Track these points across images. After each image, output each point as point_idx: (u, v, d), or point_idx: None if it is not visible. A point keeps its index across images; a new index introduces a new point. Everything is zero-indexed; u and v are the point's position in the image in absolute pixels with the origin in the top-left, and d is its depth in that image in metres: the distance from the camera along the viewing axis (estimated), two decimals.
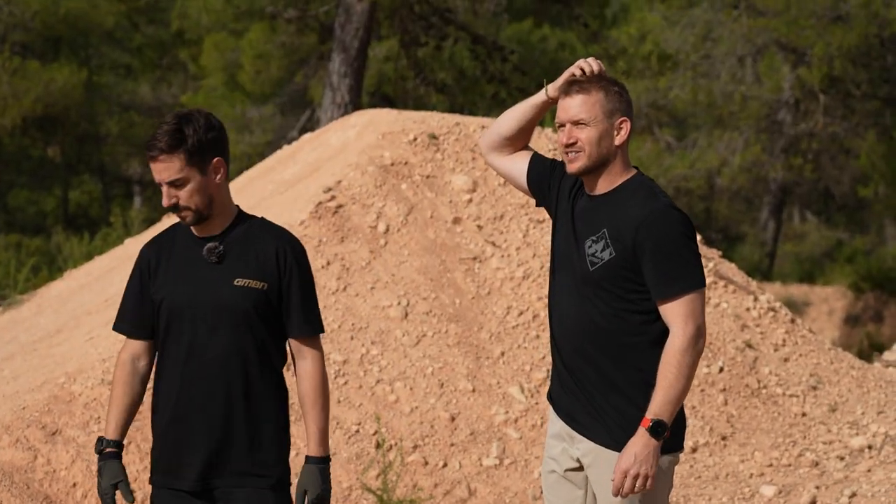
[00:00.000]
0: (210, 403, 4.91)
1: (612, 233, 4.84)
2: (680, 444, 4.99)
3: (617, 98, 4.93)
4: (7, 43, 33.59)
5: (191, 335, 4.91)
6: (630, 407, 4.87)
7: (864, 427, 9.38)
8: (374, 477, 8.47)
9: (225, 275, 4.90)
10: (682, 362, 4.70)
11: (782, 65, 31.55)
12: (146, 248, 5.11)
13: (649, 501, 4.97)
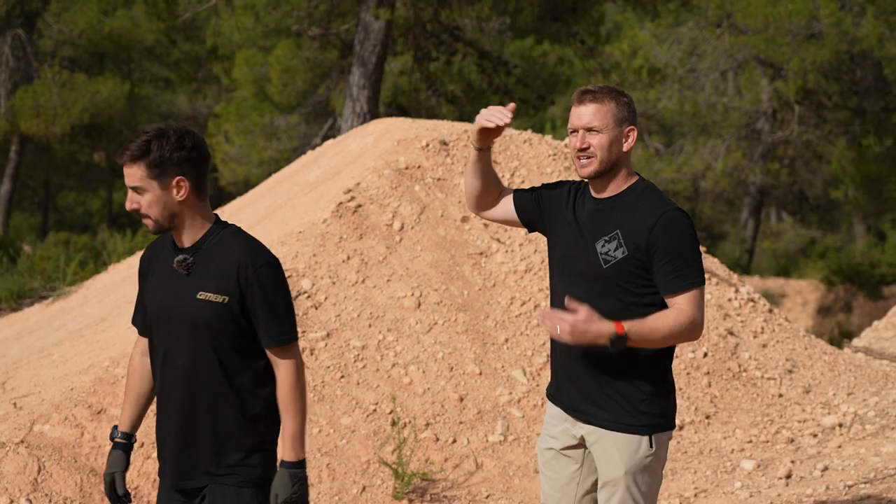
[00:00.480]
0: (180, 408, 4.87)
1: (625, 234, 4.88)
2: (672, 423, 5.04)
3: (626, 108, 4.98)
4: (57, 58, 33.64)
5: (165, 342, 4.86)
6: (635, 391, 4.94)
7: (835, 407, 9.37)
8: (390, 452, 8.46)
9: (191, 287, 4.80)
10: (676, 327, 4.79)
11: (761, 78, 31.55)
12: (145, 252, 5.06)
13: (647, 477, 5.00)
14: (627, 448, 4.97)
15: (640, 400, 4.96)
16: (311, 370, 9.02)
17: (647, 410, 4.96)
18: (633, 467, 4.97)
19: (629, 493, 4.98)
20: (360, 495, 8.29)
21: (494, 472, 8.68)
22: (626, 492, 4.98)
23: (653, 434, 4.96)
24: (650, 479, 5.03)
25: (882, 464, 7.82)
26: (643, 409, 4.96)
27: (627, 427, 4.96)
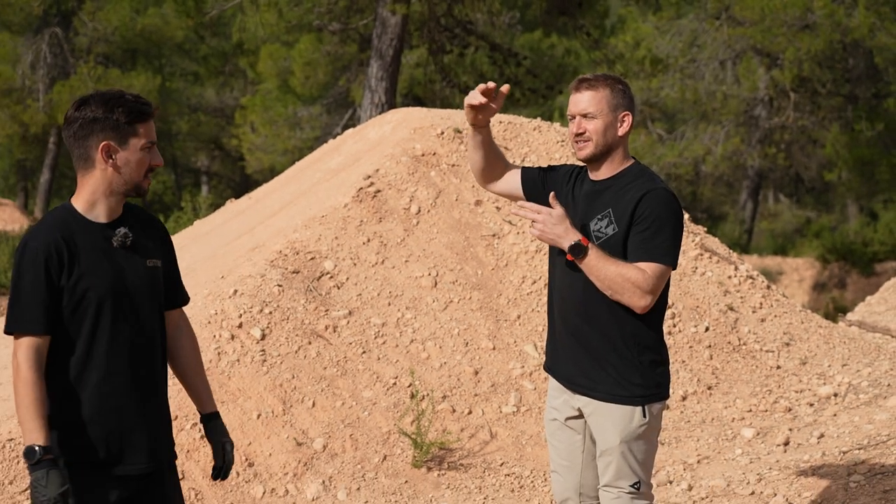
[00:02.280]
0: (145, 384, 4.48)
1: (615, 212, 4.93)
2: (665, 393, 5.07)
3: (620, 94, 5.02)
4: (92, 54, 33.73)
5: (126, 321, 4.38)
6: (625, 364, 4.99)
7: (830, 377, 9.36)
8: (409, 423, 8.48)
9: (137, 258, 4.46)
10: (626, 279, 4.80)
11: (758, 67, 31.49)
12: (41, 250, 4.24)
13: (641, 444, 5.03)
14: (622, 419, 5.02)
15: (632, 373, 5.00)
16: (334, 346, 9.04)
17: (639, 382, 5.00)
18: (628, 436, 5.02)
19: (625, 460, 5.03)
20: (381, 464, 8.31)
21: (508, 441, 8.69)
22: (622, 459, 5.03)
23: (645, 405, 5.01)
24: (645, 446, 5.06)
25: (875, 431, 7.81)
26: (635, 381, 5.00)
27: (621, 399, 5.01)
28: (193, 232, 14.37)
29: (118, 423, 4.37)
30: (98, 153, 4.30)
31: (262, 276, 9.44)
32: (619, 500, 5.08)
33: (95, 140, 4.30)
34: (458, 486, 8.20)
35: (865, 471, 7.04)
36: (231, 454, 4.78)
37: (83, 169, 4.35)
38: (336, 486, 8.05)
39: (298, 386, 8.66)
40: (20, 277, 4.22)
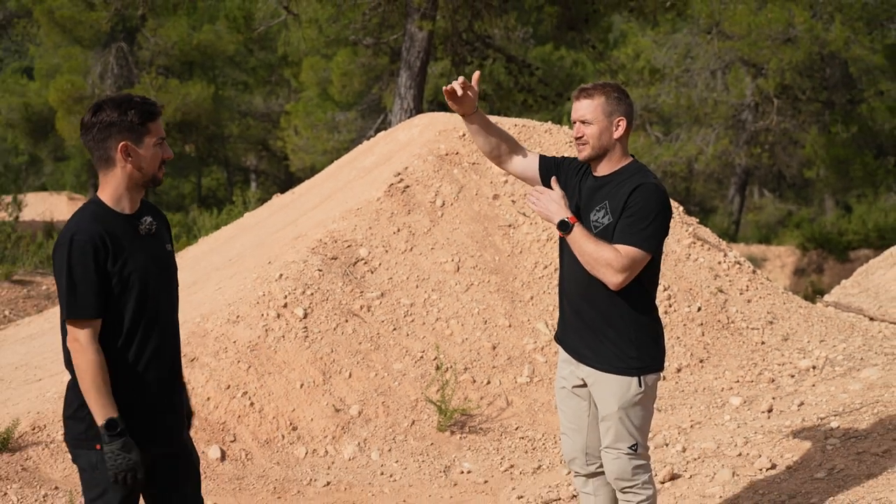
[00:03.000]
0: (171, 362, 4.49)
1: (611, 204, 4.96)
2: (659, 366, 5.08)
3: (616, 102, 5.02)
4: (153, 66, 33.82)
5: (156, 303, 4.38)
6: (622, 339, 5.01)
7: (809, 352, 9.33)
8: (434, 392, 8.48)
9: (160, 244, 4.47)
10: (601, 257, 4.82)
11: (745, 76, 31.40)
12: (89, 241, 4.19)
13: (638, 411, 5.04)
14: (619, 388, 5.03)
15: (629, 347, 5.01)
16: (368, 324, 9.05)
17: (635, 355, 5.01)
18: (626, 404, 5.03)
19: (623, 425, 5.05)
20: (409, 428, 8.31)
21: (522, 408, 8.69)
22: (620, 424, 5.05)
23: (641, 375, 5.01)
24: (641, 413, 5.07)
25: (849, 399, 7.78)
26: (632, 353, 5.01)
27: (619, 369, 5.02)
28: (243, 223, 14.39)
29: (152, 396, 4.38)
30: (118, 153, 4.29)
31: (305, 262, 9.46)
32: (619, 460, 5.09)
33: (114, 141, 4.29)
34: (478, 447, 8.21)
35: (841, 435, 7.02)
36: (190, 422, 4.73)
37: (105, 168, 4.34)
38: (370, 448, 8.07)
39: (336, 359, 8.68)
40: (73, 268, 4.18)
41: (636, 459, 5.10)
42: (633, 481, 5.12)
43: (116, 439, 4.16)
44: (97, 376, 4.17)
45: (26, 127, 38.50)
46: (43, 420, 7.57)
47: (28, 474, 7.18)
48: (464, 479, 7.78)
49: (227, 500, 7.32)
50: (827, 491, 6.20)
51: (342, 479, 7.71)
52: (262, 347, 8.60)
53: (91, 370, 4.16)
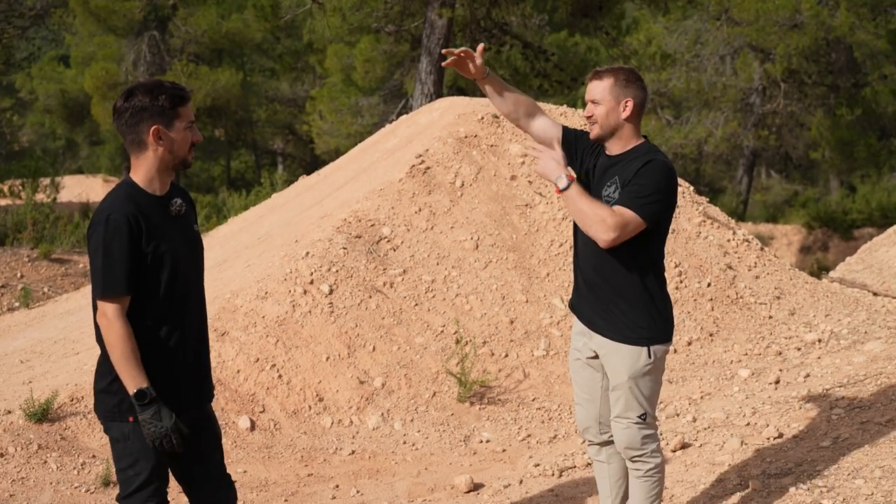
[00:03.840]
0: (197, 336, 4.53)
1: (620, 179, 4.96)
2: (668, 338, 5.07)
3: (624, 84, 5.01)
4: (184, 53, 33.85)
5: (186, 282, 4.41)
6: (633, 310, 5.01)
7: (815, 326, 9.30)
8: (454, 364, 8.49)
9: (188, 224, 4.49)
10: (596, 215, 4.78)
11: (753, 61, 31.24)
12: (123, 221, 4.20)
13: (647, 381, 5.03)
14: (630, 358, 5.01)
15: (639, 317, 4.99)
16: (391, 300, 9.05)
17: (644, 325, 4.99)
18: (635, 374, 5.01)
19: (633, 395, 5.03)
20: (431, 399, 8.33)
21: (538, 380, 8.69)
22: (630, 393, 5.04)
23: (650, 346, 4.99)
24: (650, 383, 5.05)
25: (853, 371, 7.76)
26: (641, 324, 4.99)
27: (629, 339, 5.00)
28: (271, 204, 14.40)
29: (182, 370, 4.40)
30: (149, 136, 4.29)
31: (330, 241, 9.46)
32: (628, 430, 5.08)
33: (146, 126, 4.29)
34: (496, 418, 8.22)
35: (845, 405, 7.01)
36: None
37: (137, 151, 4.34)
38: (393, 418, 8.08)
39: (361, 333, 8.69)
40: (108, 247, 4.18)
41: (645, 429, 5.08)
42: (641, 450, 5.11)
43: (148, 408, 4.18)
44: (126, 348, 4.18)
45: (63, 112, 38.64)
46: (81, 391, 7.61)
47: (67, 443, 7.22)
48: (483, 448, 7.79)
49: (256, 468, 7.35)
50: (832, 459, 6.19)
51: (366, 448, 7.73)
52: (289, 322, 8.61)
53: (121, 343, 4.18)
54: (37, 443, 7.12)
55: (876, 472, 5.86)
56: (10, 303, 13.99)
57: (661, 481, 5.18)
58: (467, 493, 6.86)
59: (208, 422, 4.59)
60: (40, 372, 8.70)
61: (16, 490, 6.66)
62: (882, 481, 5.72)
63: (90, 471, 6.98)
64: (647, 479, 5.15)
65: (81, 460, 7.07)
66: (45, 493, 6.68)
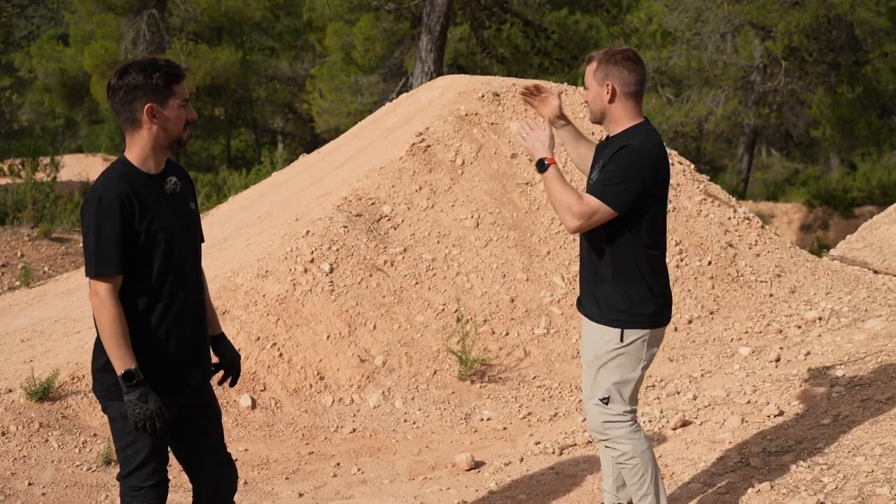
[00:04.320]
0: (193, 314, 4.48)
1: (600, 165, 4.92)
2: (648, 323, 4.93)
3: (605, 67, 4.97)
4: (184, 32, 33.81)
5: (180, 259, 4.38)
6: (614, 292, 4.94)
7: (815, 304, 9.30)
8: (455, 343, 8.50)
9: (185, 203, 4.47)
10: (565, 199, 4.79)
11: (754, 39, 31.17)
12: (115, 199, 4.17)
13: (615, 365, 4.94)
14: (601, 338, 4.93)
15: (619, 300, 4.88)
16: (391, 278, 9.05)
17: (621, 308, 4.88)
18: (601, 354, 4.92)
19: (598, 376, 4.95)
20: (432, 377, 8.34)
21: (539, 358, 8.70)
22: (595, 374, 4.96)
23: (624, 329, 4.87)
24: (620, 368, 4.92)
25: (854, 349, 7.76)
26: (620, 307, 4.88)
27: (601, 319, 4.92)
28: (271, 182, 14.40)
29: (178, 350, 4.38)
30: (143, 115, 4.27)
31: (331, 219, 9.46)
32: (590, 411, 5.00)
33: (140, 104, 4.27)
34: (497, 396, 8.23)
35: (846, 383, 7.01)
36: (239, 367, 4.79)
37: (131, 129, 4.31)
38: (394, 396, 8.09)
39: (361, 311, 8.69)
40: (100, 226, 4.16)
41: (606, 413, 4.96)
42: (604, 434, 5.00)
43: (134, 389, 4.17)
44: (116, 328, 4.17)
45: (62, 91, 38.63)
46: (82, 370, 7.62)
47: (68, 422, 7.23)
48: (483, 426, 7.80)
49: (257, 447, 7.36)
50: (832, 436, 6.20)
51: (367, 426, 7.74)
52: (290, 301, 8.62)
53: (111, 323, 4.17)
54: (38, 421, 7.13)
55: (876, 449, 5.87)
56: (10, 282, 14.00)
57: (642, 469, 5.01)
58: (468, 471, 6.87)
59: (207, 400, 4.59)
60: (41, 351, 8.70)
61: (17, 468, 6.67)
62: (882, 458, 5.73)
63: (91, 449, 6.99)
64: (623, 465, 5.03)
65: (83, 439, 7.08)
66: (46, 472, 6.69)
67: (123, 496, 4.41)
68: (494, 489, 6.46)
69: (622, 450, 5.00)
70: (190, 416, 4.51)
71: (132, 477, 4.36)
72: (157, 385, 4.28)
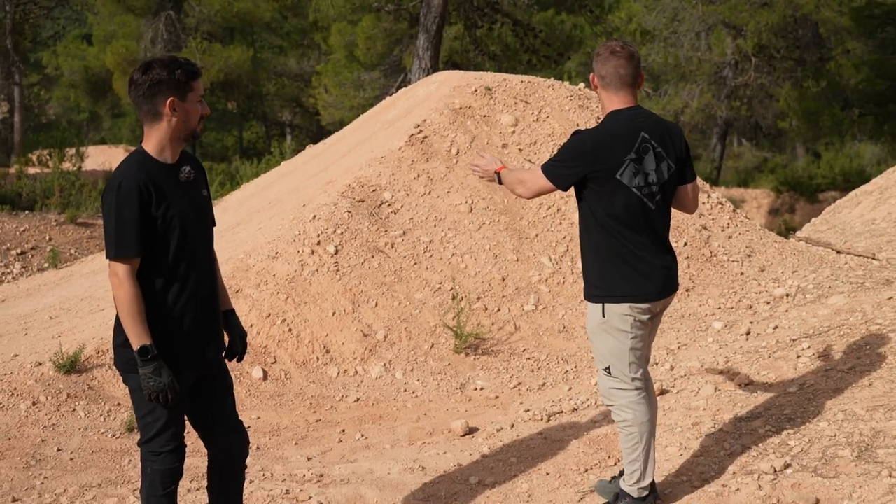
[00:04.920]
0: (208, 298, 4.46)
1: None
2: (622, 300, 4.91)
3: (594, 60, 5.12)
4: (199, 32, 33.70)
5: (193, 246, 4.36)
6: (592, 271, 5.04)
7: (783, 281, 9.31)
8: (451, 318, 8.50)
9: (198, 190, 4.44)
10: (516, 177, 5.05)
11: (726, 37, 31.12)
12: (134, 187, 4.16)
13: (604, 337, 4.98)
14: (591, 313, 4.98)
15: (596, 277, 4.92)
16: (392, 259, 9.05)
17: (596, 284, 4.92)
18: (593, 329, 4.99)
19: (595, 348, 5.04)
20: (429, 350, 8.34)
21: (528, 332, 8.70)
22: (594, 346, 5.05)
23: (604, 304, 4.89)
24: (608, 340, 4.94)
25: (818, 323, 7.77)
26: (596, 283, 4.92)
27: (588, 296, 4.99)
28: (280, 171, 14.37)
29: (192, 327, 4.37)
30: (166, 107, 4.26)
31: (335, 205, 9.44)
32: (600, 379, 5.09)
33: (163, 97, 4.25)
34: (489, 367, 8.23)
35: (811, 354, 7.02)
36: (246, 343, 4.79)
37: (151, 121, 4.29)
38: (394, 368, 8.10)
39: (364, 290, 8.69)
40: (120, 211, 4.15)
41: (610, 381, 5.01)
42: (610, 400, 5.05)
43: (149, 364, 4.17)
44: (133, 307, 4.16)
45: (87, 87, 38.52)
46: (106, 345, 7.61)
47: (94, 392, 7.23)
48: (477, 395, 7.81)
49: (269, 415, 7.37)
50: (798, 403, 6.21)
51: (370, 396, 7.75)
52: (298, 280, 8.61)
53: (128, 302, 4.16)
54: (66, 392, 7.13)
55: (839, 415, 5.88)
56: (39, 264, 13.99)
57: (637, 438, 5.03)
58: (463, 437, 6.88)
59: (220, 372, 4.59)
60: (68, 327, 8.70)
61: (47, 436, 6.68)
62: (844, 423, 5.75)
63: (115, 417, 6.99)
64: (622, 430, 5.07)
65: (107, 408, 7.08)
66: (74, 439, 6.69)
67: (144, 460, 4.43)
68: (487, 453, 6.47)
69: (623, 416, 5.05)
70: (204, 387, 4.51)
71: (152, 443, 4.37)
72: (171, 360, 4.28)
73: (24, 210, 16.32)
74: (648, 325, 5.00)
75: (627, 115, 4.90)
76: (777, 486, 5.20)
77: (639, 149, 4.82)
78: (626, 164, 4.81)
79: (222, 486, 4.71)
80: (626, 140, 4.82)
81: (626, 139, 4.82)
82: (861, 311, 7.87)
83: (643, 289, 4.90)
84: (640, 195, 4.83)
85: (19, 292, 11.61)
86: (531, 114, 10.82)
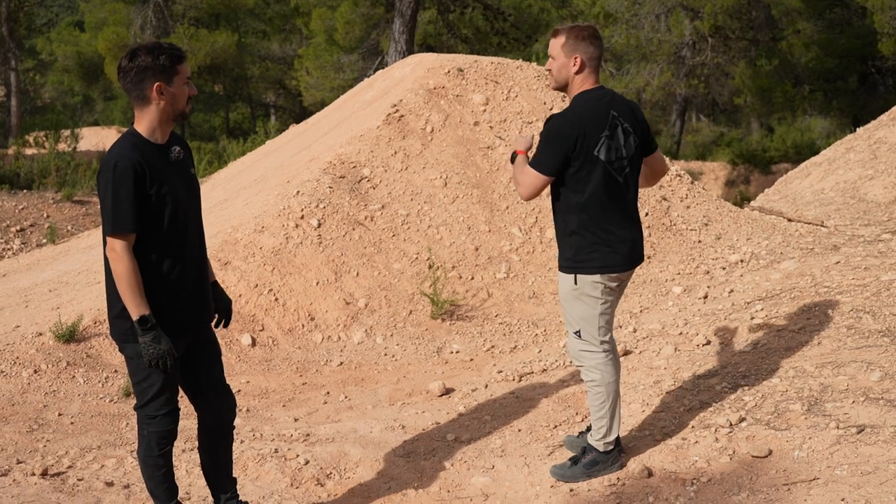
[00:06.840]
0: (198, 266, 4.46)
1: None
2: (592, 270, 4.92)
3: (574, 41, 4.92)
4: (185, 18, 33.37)
5: (185, 220, 4.35)
6: (563, 243, 5.03)
7: (738, 248, 9.36)
8: (428, 286, 8.51)
9: (186, 169, 4.43)
10: (517, 175, 4.97)
11: (684, 19, 31.08)
12: (129, 166, 4.14)
13: (577, 304, 5.00)
14: (562, 282, 5.00)
15: (567, 249, 4.94)
16: (371, 231, 9.04)
17: (569, 256, 4.93)
18: (565, 296, 5.00)
19: (566, 312, 5.05)
20: (408, 316, 8.35)
21: (500, 299, 8.72)
22: (565, 310, 5.06)
23: (576, 274, 4.91)
24: (581, 306, 4.95)
25: (771, 287, 7.83)
26: (568, 255, 4.94)
27: (561, 267, 5.00)
28: (265, 149, 14.31)
29: (185, 296, 4.37)
30: (153, 92, 4.23)
31: (318, 181, 9.42)
32: (570, 341, 5.09)
33: (149, 83, 4.22)
34: (464, 332, 8.26)
35: (764, 316, 7.08)
36: (231, 310, 4.79)
37: (141, 105, 4.27)
38: (375, 334, 8.11)
39: (346, 261, 8.69)
40: (117, 190, 4.13)
41: (580, 343, 5.03)
42: (580, 361, 5.07)
43: (149, 332, 4.17)
44: (132, 279, 4.15)
45: (79, 72, 38.14)
46: (103, 315, 7.59)
47: (92, 360, 7.22)
48: (453, 358, 7.84)
49: (257, 379, 7.38)
50: (753, 362, 6.27)
51: (353, 360, 7.76)
52: (283, 252, 8.60)
53: (126, 275, 4.15)
54: (65, 360, 7.12)
55: (790, 371, 5.94)
56: (38, 240, 13.92)
57: (604, 397, 5.06)
58: (440, 397, 6.91)
59: (209, 339, 4.60)
60: (67, 299, 8.67)
61: (48, 401, 6.67)
62: (795, 380, 5.81)
63: (113, 384, 6.99)
64: (590, 389, 5.09)
65: (105, 375, 7.07)
66: (73, 404, 6.69)
67: (140, 423, 4.44)
68: (463, 412, 6.50)
69: (591, 377, 5.07)
70: (194, 353, 4.52)
71: (147, 407, 4.38)
72: (166, 328, 4.28)
73: (22, 189, 16.23)
74: (617, 292, 5.03)
75: (596, 95, 4.91)
76: (733, 438, 5.25)
77: (611, 125, 4.84)
78: (602, 140, 4.82)
79: (212, 447, 4.73)
80: (600, 118, 4.84)
81: (600, 118, 4.84)
82: (811, 275, 7.93)
83: (612, 261, 4.92)
84: (612, 170, 4.85)
85: (19, 267, 11.55)
86: (501, 93, 10.80)
